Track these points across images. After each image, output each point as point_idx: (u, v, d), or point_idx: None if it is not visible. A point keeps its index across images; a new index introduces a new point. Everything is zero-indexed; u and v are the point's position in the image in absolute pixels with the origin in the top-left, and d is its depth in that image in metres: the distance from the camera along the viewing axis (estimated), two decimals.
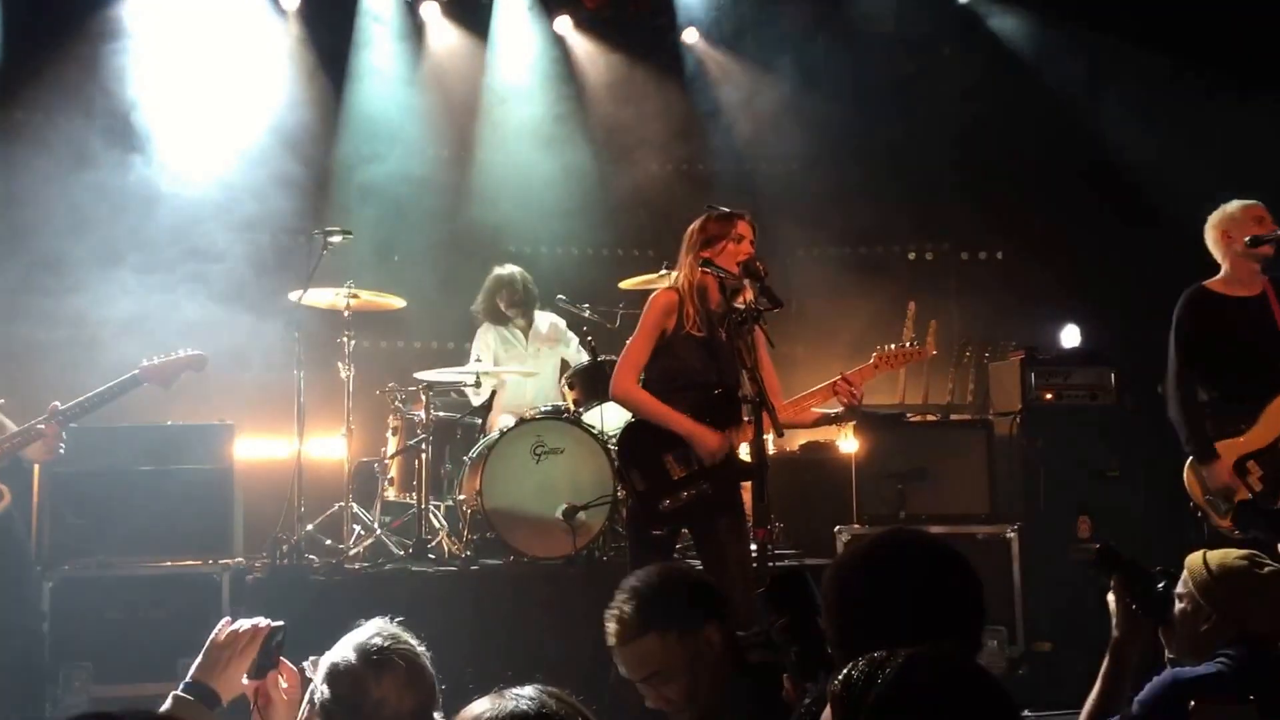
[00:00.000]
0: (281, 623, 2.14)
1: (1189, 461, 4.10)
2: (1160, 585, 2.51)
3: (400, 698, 1.98)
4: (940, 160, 6.93)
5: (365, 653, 2.01)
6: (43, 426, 3.82)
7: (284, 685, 2.11)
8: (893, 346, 4.01)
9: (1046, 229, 6.77)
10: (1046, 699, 4.75)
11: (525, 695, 1.47)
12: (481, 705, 1.48)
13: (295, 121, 6.65)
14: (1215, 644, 2.43)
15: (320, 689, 2.03)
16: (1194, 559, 2.53)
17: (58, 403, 3.88)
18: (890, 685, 1.37)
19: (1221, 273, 4.22)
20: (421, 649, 2.08)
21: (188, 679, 2.07)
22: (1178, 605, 2.50)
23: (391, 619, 2.13)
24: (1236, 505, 3.87)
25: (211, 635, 2.11)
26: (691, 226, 3.95)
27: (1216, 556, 2.51)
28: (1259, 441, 3.96)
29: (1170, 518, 4.63)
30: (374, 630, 2.06)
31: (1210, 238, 4.24)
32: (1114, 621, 2.54)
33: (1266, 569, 2.47)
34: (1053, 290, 6.61)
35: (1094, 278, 6.54)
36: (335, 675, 2.01)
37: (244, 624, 2.12)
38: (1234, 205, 4.20)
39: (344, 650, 2.05)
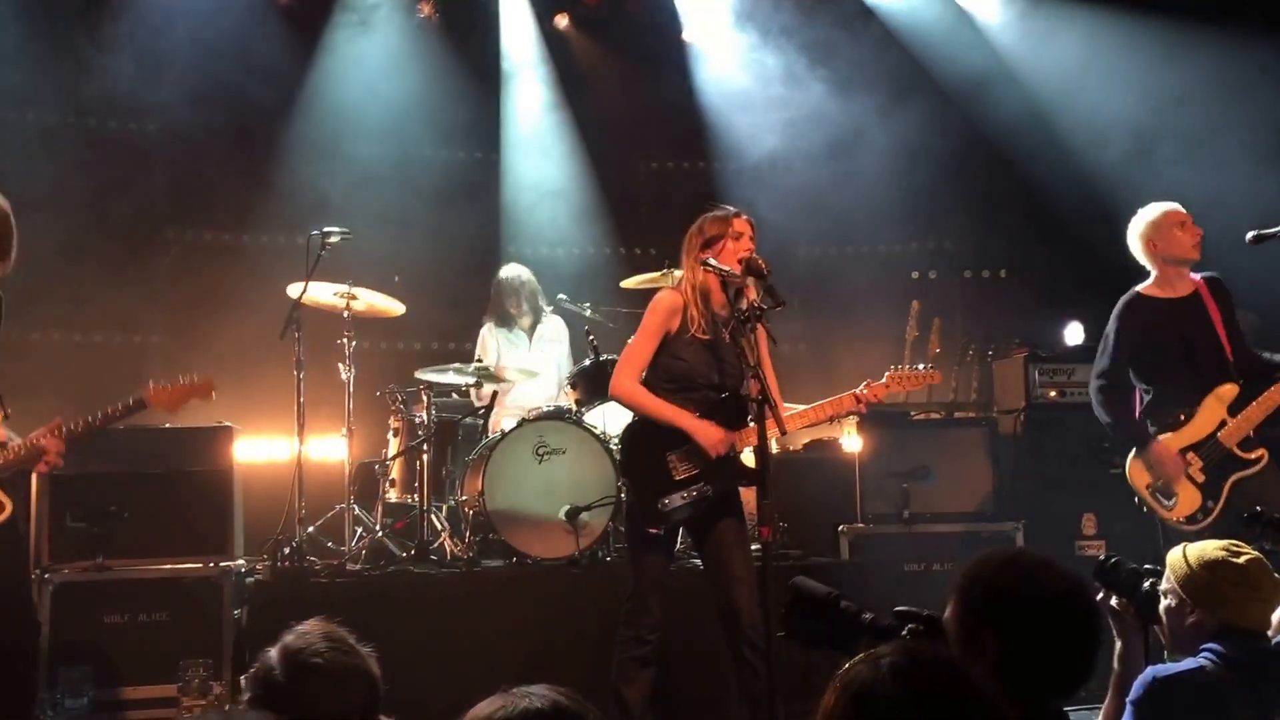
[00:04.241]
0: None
1: (1131, 455, 4.17)
2: (1147, 584, 2.50)
3: (326, 702, 1.90)
4: (945, 156, 6.92)
5: (287, 654, 1.94)
6: (45, 443, 3.77)
7: None
8: (906, 368, 4.05)
9: (1050, 226, 6.75)
10: None
11: (536, 693, 1.45)
12: (491, 705, 1.45)
13: (295, 121, 6.63)
14: (1201, 638, 2.42)
15: (249, 693, 1.97)
16: (1174, 554, 2.52)
17: (61, 419, 3.84)
18: (887, 679, 1.40)
19: (1152, 278, 4.32)
20: (362, 649, 2.00)
21: None
22: (1162, 602, 2.49)
23: (337, 620, 2.05)
24: (1245, 517, 3.87)
25: None
26: (690, 229, 3.94)
27: (1195, 549, 2.50)
28: (1198, 434, 4.08)
29: None
30: (298, 631, 1.99)
31: (1136, 247, 4.32)
32: (1114, 632, 2.54)
33: (1244, 558, 2.45)
34: (1056, 287, 6.59)
35: (1097, 274, 6.51)
36: (257, 682, 1.95)
37: None
38: (1154, 211, 4.27)
39: (268, 657, 1.98)
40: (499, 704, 1.44)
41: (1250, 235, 4.16)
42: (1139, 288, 4.32)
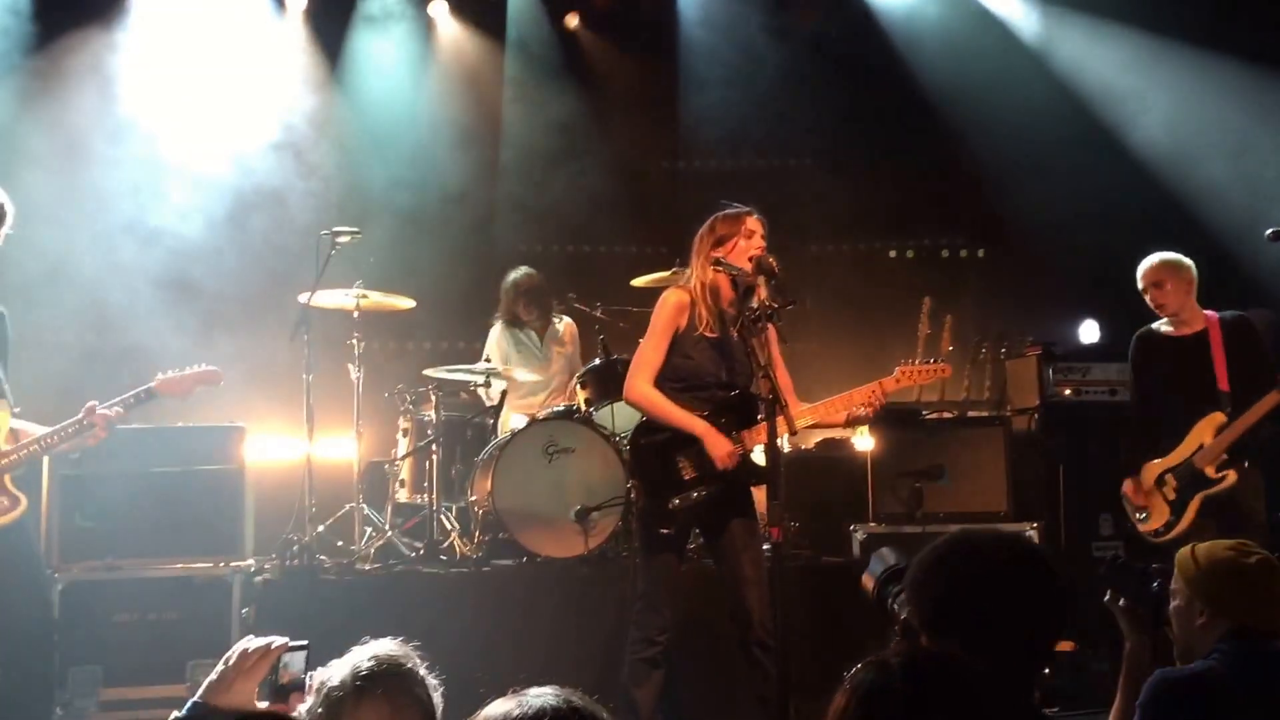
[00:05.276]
0: (305, 642, 2.02)
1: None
2: (1155, 585, 2.48)
3: None
4: (956, 153, 6.87)
5: (352, 675, 1.92)
6: (95, 418, 3.80)
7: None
8: (916, 362, 4.01)
9: (1064, 223, 6.70)
10: (1069, 699, 4.69)
11: (549, 694, 1.44)
12: (504, 705, 1.44)
13: (303, 121, 6.63)
14: (1211, 639, 2.38)
15: (308, 705, 1.95)
16: (1183, 554, 2.49)
17: (95, 402, 3.86)
18: (901, 683, 1.40)
19: None
20: (424, 674, 1.97)
21: (192, 699, 1.95)
22: (1172, 603, 2.46)
23: (405, 640, 2.02)
24: None
25: (226, 654, 2.01)
26: (701, 229, 3.92)
27: (1204, 549, 2.47)
28: (1177, 458, 4.49)
29: None
30: (370, 652, 1.96)
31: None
32: (1123, 632, 2.52)
33: (1254, 558, 2.42)
34: (1070, 285, 6.54)
35: (1112, 272, 6.46)
36: (319, 694, 1.93)
37: (257, 642, 2.00)
38: (1141, 267, 4.61)
39: (335, 669, 1.95)
40: (512, 704, 1.43)
41: (1270, 232, 4.31)
42: (1153, 325, 4.70)
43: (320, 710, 1.90)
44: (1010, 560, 1.86)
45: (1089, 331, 6.12)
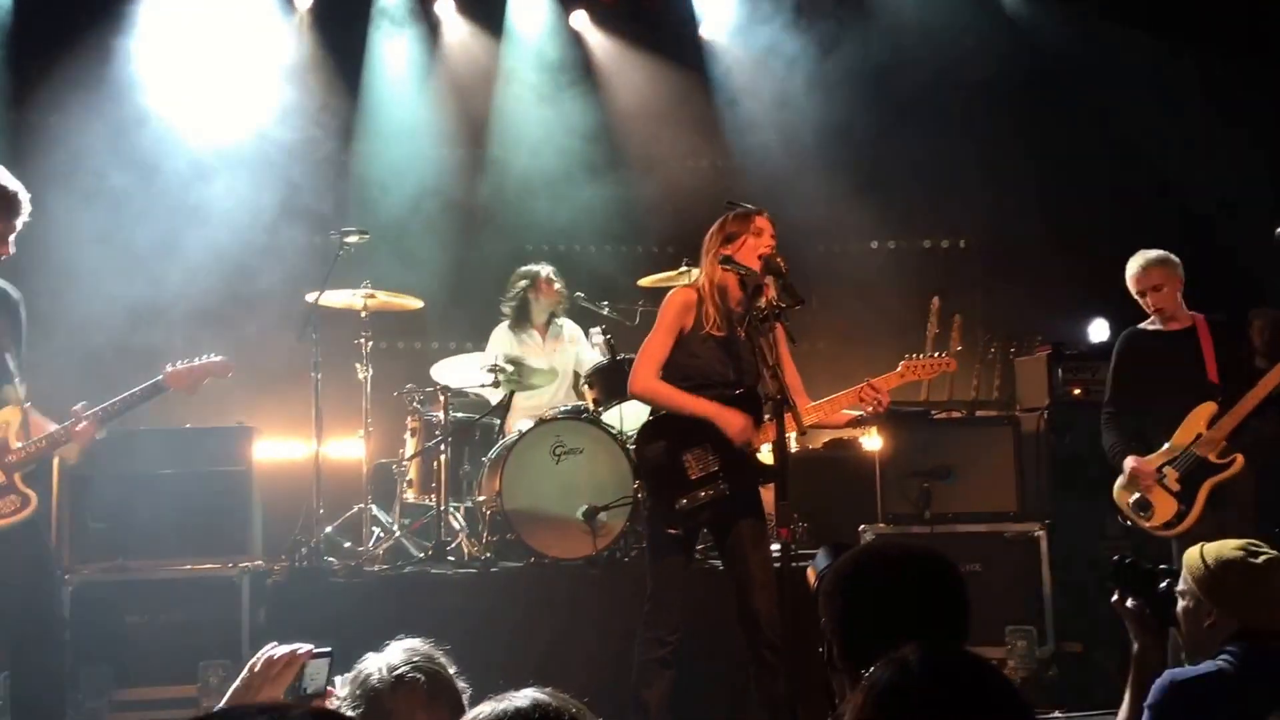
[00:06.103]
0: (328, 648, 2.05)
1: (1117, 481, 4.49)
2: (1163, 585, 2.47)
3: (415, 717, 1.94)
4: (964, 152, 6.85)
5: (392, 666, 1.98)
6: (77, 429, 3.79)
7: None
8: (920, 356, 3.99)
9: (1073, 222, 6.68)
10: (1077, 700, 4.68)
11: (520, 695, 1.49)
12: (479, 710, 1.49)
13: (310, 121, 6.64)
14: (1219, 640, 2.38)
15: (343, 704, 1.99)
16: (1191, 554, 2.48)
17: (81, 405, 3.86)
18: (919, 679, 1.40)
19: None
20: (452, 669, 2.03)
21: (217, 707, 2.01)
22: (1180, 604, 2.45)
23: (430, 641, 2.07)
24: None
25: (250, 662, 2.04)
26: (711, 228, 3.92)
27: (1213, 549, 2.46)
28: (1175, 450, 4.40)
29: None
30: (400, 648, 2.02)
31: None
32: (1131, 633, 2.51)
33: (1262, 557, 2.40)
34: (1080, 284, 6.52)
35: (1121, 271, 6.44)
36: (355, 682, 1.98)
37: (282, 649, 2.03)
38: (1132, 266, 4.54)
39: (371, 661, 2.01)
40: (487, 708, 1.49)
41: (1278, 232, 4.21)
42: (1139, 325, 4.63)
43: (359, 692, 1.95)
44: (911, 575, 1.89)
45: (1098, 330, 6.10)
